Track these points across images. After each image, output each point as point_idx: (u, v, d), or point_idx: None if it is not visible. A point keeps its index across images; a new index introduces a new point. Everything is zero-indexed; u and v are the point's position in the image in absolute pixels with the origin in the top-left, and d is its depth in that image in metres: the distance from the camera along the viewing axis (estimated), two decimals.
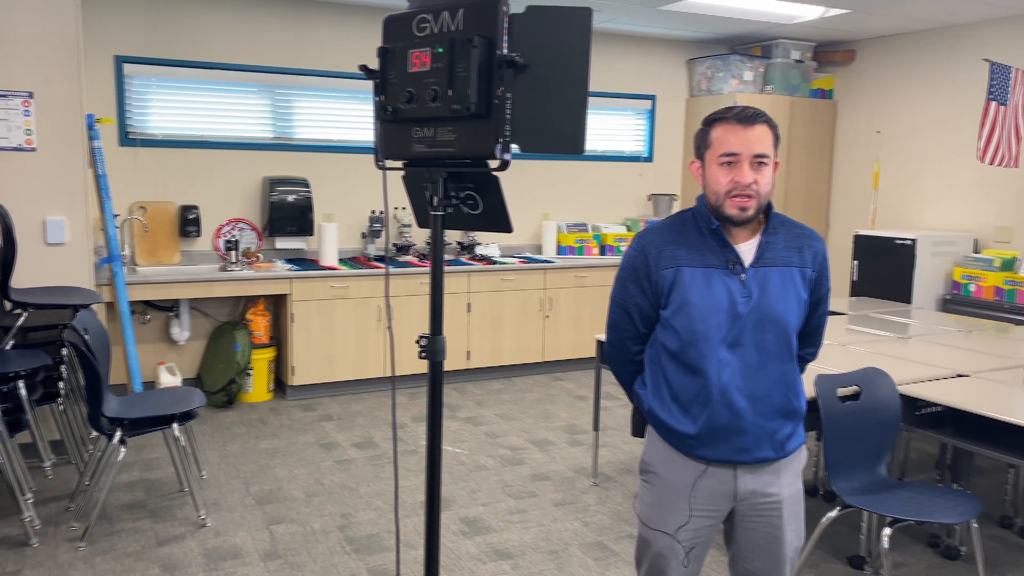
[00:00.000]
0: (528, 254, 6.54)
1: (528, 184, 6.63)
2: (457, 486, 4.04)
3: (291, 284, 5.24)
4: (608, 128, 6.95)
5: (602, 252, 6.61)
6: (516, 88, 1.33)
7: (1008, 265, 5.51)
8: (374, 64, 1.51)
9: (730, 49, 7.14)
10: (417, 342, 1.49)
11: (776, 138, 1.93)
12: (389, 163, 1.56)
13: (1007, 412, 2.76)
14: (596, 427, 4.15)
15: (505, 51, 1.32)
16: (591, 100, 6.77)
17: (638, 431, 2.18)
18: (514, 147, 1.37)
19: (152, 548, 3.31)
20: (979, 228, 6.01)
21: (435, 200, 1.46)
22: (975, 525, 2.83)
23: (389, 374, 5.63)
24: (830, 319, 4.45)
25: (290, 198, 5.50)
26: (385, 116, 1.47)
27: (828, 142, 7.09)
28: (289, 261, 5.67)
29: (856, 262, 6.10)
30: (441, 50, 1.32)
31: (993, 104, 4.89)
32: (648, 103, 7.06)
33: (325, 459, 4.37)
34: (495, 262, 5.98)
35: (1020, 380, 3.18)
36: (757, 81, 6.80)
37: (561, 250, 6.52)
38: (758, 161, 1.89)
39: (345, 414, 5.15)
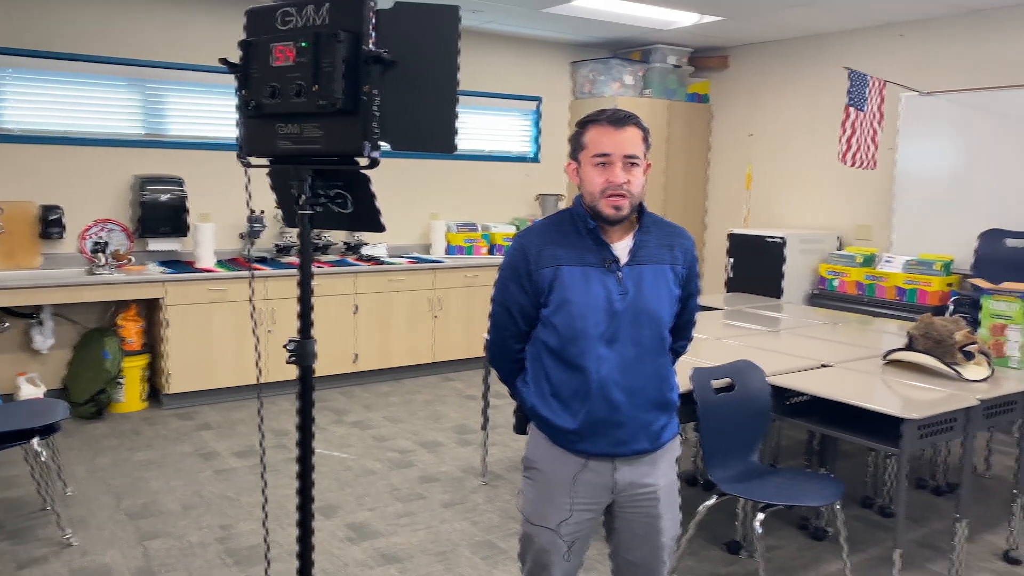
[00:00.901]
0: (417, 254, 6.50)
1: (416, 184, 6.59)
2: (344, 492, 3.96)
3: (165, 287, 5.00)
4: (495, 128, 6.98)
5: (491, 251, 6.63)
6: (385, 85, 1.31)
7: (868, 261, 5.88)
8: (236, 58, 1.45)
9: (611, 53, 7.31)
10: (285, 346, 1.44)
11: (646, 140, 1.99)
12: (254, 160, 1.50)
13: (867, 399, 2.94)
14: (485, 426, 4.16)
15: (372, 47, 1.29)
16: (477, 100, 6.79)
17: (520, 428, 2.19)
18: (384, 145, 1.34)
19: (11, 572, 3.08)
20: (842, 226, 6.39)
21: (302, 198, 1.42)
22: (839, 507, 2.99)
23: (271, 379, 5.46)
24: (707, 314, 4.62)
25: (163, 197, 5.25)
26: (248, 111, 1.42)
27: (704, 144, 7.37)
28: (163, 263, 5.42)
29: (731, 259, 6.37)
30: (306, 44, 1.29)
31: (852, 109, 5.20)
32: (534, 104, 7.14)
33: (204, 469, 4.20)
34: (383, 262, 5.90)
35: (879, 369, 3.40)
36: (637, 85, 7.00)
37: (450, 250, 6.51)
38: (630, 162, 1.95)
39: (225, 422, 4.96)
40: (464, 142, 6.83)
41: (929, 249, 5.64)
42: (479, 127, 6.90)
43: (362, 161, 1.36)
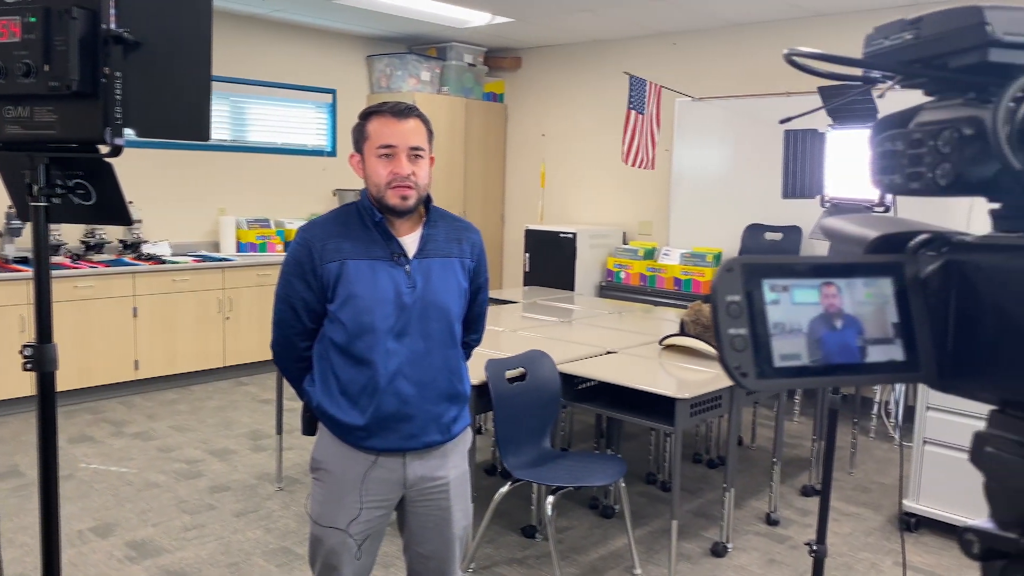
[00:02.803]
0: (204, 252, 6.14)
1: (202, 177, 6.22)
2: (123, 508, 3.67)
3: None
4: (288, 121, 6.75)
5: (286, 248, 6.39)
6: (129, 67, 1.21)
7: (649, 254, 6.29)
8: None
9: (408, 48, 7.29)
10: (21, 352, 1.30)
11: (430, 132, 2.00)
12: None
13: (645, 382, 3.14)
14: (280, 430, 4.01)
15: (113, 26, 1.19)
16: (268, 91, 6.54)
17: (309, 430, 2.14)
18: (129, 132, 1.25)
19: None
20: (626, 222, 6.79)
21: (35, 189, 1.28)
22: (623, 484, 3.18)
23: (34, 392, 4.93)
24: (505, 307, 4.73)
25: None
26: None
27: (501, 143, 7.55)
28: None
29: (527, 255, 6.58)
30: (34, 20, 1.16)
31: (633, 112, 5.54)
32: (329, 97, 6.97)
33: None
34: (165, 261, 5.52)
35: (656, 353, 3.65)
36: (434, 82, 7.03)
37: (241, 247, 6.21)
38: (415, 154, 1.95)
39: None
40: (255, 134, 6.54)
41: (702, 242, 6.12)
42: (271, 118, 6.64)
43: (104, 149, 1.26)
